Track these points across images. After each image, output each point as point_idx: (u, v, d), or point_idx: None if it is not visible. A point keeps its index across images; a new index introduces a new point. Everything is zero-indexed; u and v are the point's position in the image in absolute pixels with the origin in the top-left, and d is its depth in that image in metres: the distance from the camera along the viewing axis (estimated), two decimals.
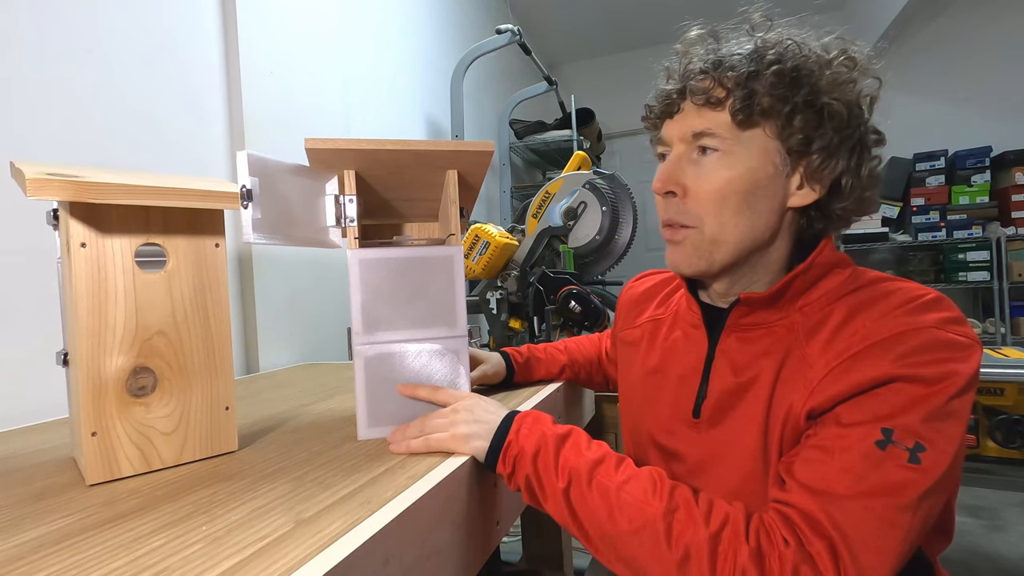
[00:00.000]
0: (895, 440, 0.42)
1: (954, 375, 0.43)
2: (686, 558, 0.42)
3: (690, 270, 0.57)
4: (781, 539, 0.41)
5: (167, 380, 0.52)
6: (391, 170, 0.60)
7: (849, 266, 0.55)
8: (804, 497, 0.43)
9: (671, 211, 0.56)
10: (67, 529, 0.39)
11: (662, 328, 0.68)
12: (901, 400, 0.43)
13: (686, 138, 0.55)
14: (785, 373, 0.51)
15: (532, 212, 1.69)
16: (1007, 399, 1.32)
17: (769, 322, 0.55)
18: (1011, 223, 3.14)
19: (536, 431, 0.51)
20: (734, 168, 0.52)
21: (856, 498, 0.42)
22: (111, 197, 0.46)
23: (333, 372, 1.17)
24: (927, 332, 0.45)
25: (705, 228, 0.54)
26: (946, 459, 0.42)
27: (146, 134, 1.06)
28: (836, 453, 0.44)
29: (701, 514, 0.43)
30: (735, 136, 0.52)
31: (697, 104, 0.54)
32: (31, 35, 0.87)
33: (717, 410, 0.56)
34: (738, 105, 0.51)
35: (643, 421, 0.66)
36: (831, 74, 0.51)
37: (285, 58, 1.40)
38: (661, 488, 0.46)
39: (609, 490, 0.46)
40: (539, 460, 0.49)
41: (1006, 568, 1.64)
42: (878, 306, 0.49)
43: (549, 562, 1.20)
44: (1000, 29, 3.45)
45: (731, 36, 0.56)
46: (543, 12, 3.68)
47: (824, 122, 0.51)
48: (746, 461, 0.52)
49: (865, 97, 0.53)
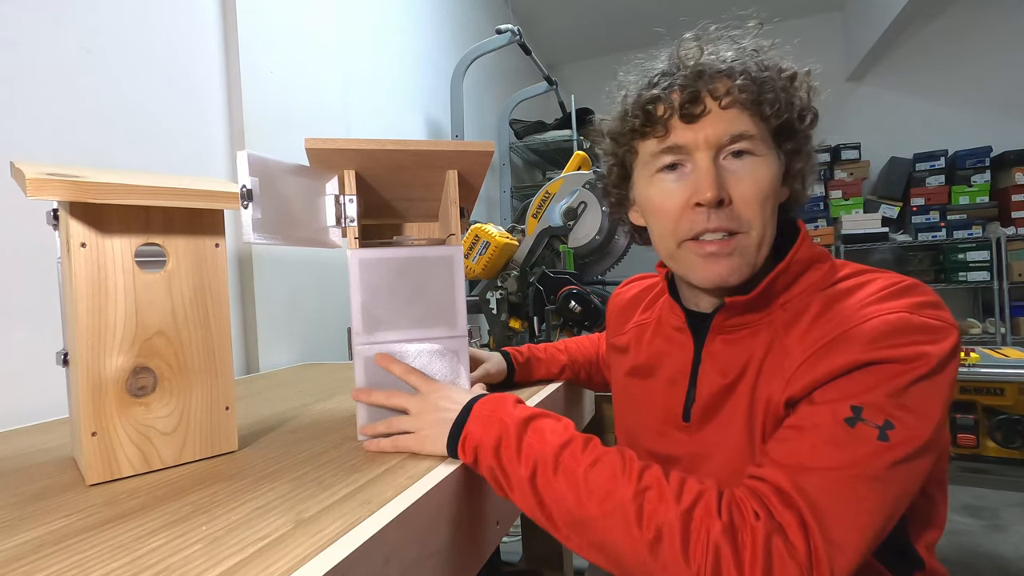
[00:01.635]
0: (864, 418, 0.43)
1: (925, 356, 0.44)
2: (658, 537, 0.41)
3: (739, 279, 0.54)
4: (752, 512, 0.41)
5: (167, 380, 0.52)
6: (391, 170, 0.60)
7: (828, 260, 0.56)
8: (774, 471, 0.44)
9: (721, 219, 0.53)
10: (67, 529, 0.39)
11: (647, 332, 0.68)
12: (871, 380, 0.44)
13: (721, 142, 0.52)
14: (766, 366, 0.52)
15: (532, 212, 1.69)
16: (1007, 399, 1.31)
17: (753, 322, 0.55)
18: (1011, 223, 3.14)
19: (496, 419, 0.50)
20: (769, 170, 0.53)
21: (824, 471, 0.42)
22: (111, 197, 0.46)
23: (333, 372, 1.17)
24: (898, 316, 0.46)
25: (753, 232, 0.53)
26: (917, 436, 0.43)
27: (146, 134, 1.06)
28: (807, 430, 0.45)
29: (672, 492, 0.43)
30: (765, 139, 0.54)
31: (725, 107, 0.52)
32: (31, 35, 0.87)
33: (706, 412, 0.56)
34: (769, 110, 0.52)
35: (634, 425, 0.66)
36: (808, 82, 0.56)
37: (285, 58, 1.40)
38: (630, 469, 0.45)
39: (576, 474, 0.45)
40: (501, 450, 0.48)
41: (1006, 568, 1.64)
42: (854, 296, 0.50)
43: (549, 562, 1.20)
44: (1000, 29, 3.45)
45: (721, 40, 0.56)
46: (543, 12, 3.68)
47: (805, 126, 0.55)
48: (734, 457, 0.53)
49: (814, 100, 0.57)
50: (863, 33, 3.53)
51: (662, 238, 0.58)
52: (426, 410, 0.54)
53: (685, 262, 0.56)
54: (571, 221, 1.64)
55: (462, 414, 0.52)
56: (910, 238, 3.37)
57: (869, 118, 3.74)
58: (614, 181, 0.65)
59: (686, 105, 0.53)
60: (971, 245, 3.24)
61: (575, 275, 1.39)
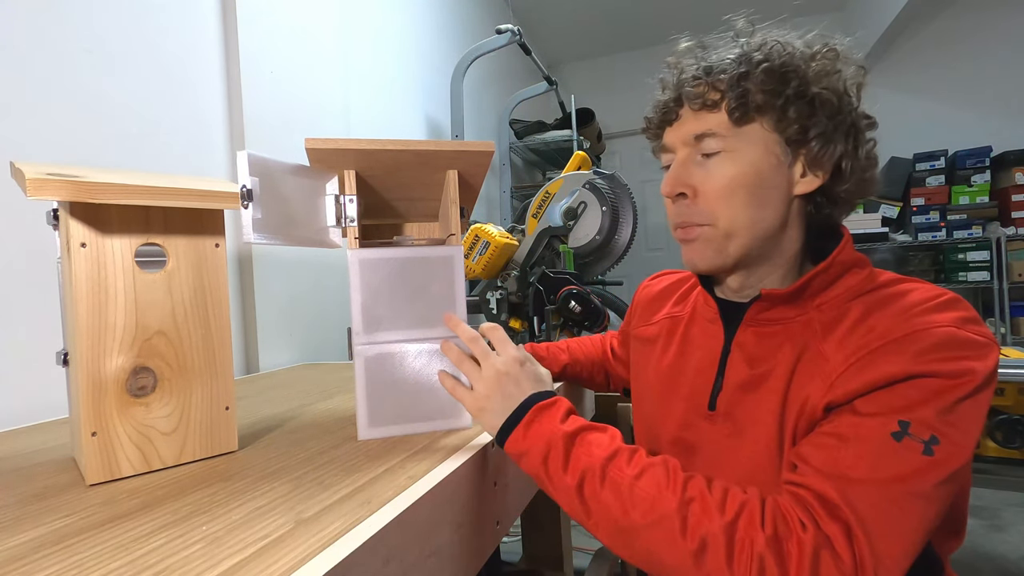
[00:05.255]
0: (911, 432, 0.43)
1: (971, 372, 0.44)
2: (703, 548, 0.42)
3: (705, 265, 0.58)
4: (798, 523, 0.42)
5: (167, 380, 0.52)
6: (391, 170, 0.60)
7: (867, 266, 0.56)
8: (819, 480, 0.44)
9: (684, 213, 0.58)
10: (67, 529, 0.39)
11: (680, 325, 0.69)
12: (918, 394, 0.44)
13: (688, 141, 0.57)
14: (801, 367, 0.52)
15: (532, 212, 1.69)
16: (1007, 399, 1.31)
17: (787, 318, 0.56)
18: (1011, 223, 3.14)
19: (545, 431, 0.51)
20: (738, 164, 0.54)
21: (871, 483, 0.42)
22: (111, 197, 0.46)
23: (333, 372, 1.17)
24: (945, 330, 0.45)
25: (719, 223, 0.55)
26: (960, 454, 0.43)
27: (146, 134, 1.06)
28: (851, 441, 0.44)
29: (716, 503, 0.43)
30: (734, 134, 0.54)
31: (694, 109, 0.56)
32: (31, 35, 0.87)
33: (732, 402, 0.57)
34: (733, 104, 0.53)
35: (659, 416, 0.66)
36: (816, 65, 0.54)
37: (285, 58, 1.40)
38: (675, 480, 0.46)
39: (622, 485, 0.46)
40: (549, 461, 0.49)
41: (1006, 568, 1.64)
42: (895, 304, 0.50)
43: (549, 562, 1.19)
44: (1000, 29, 3.45)
45: (718, 44, 0.59)
46: (543, 12, 3.68)
47: (817, 111, 0.53)
48: (760, 452, 0.53)
49: (852, 85, 0.55)
50: (863, 33, 3.53)
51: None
52: (494, 383, 0.55)
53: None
54: (571, 221, 1.64)
55: (519, 410, 0.53)
56: (910, 238, 3.37)
57: None
58: None
59: (666, 111, 0.59)
60: (971, 245, 3.23)
61: (575, 275, 1.39)
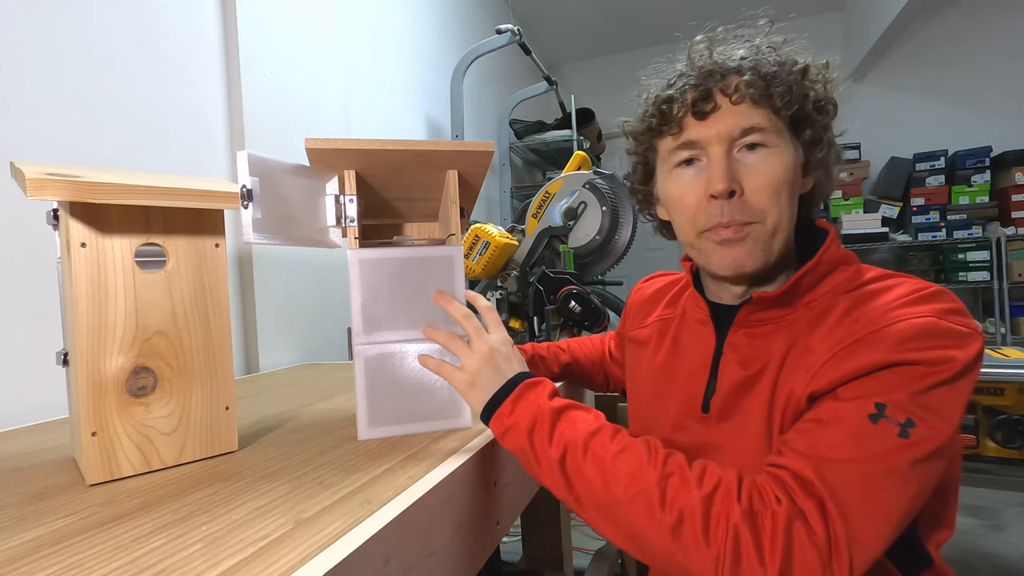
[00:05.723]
0: (887, 415, 0.44)
1: (950, 360, 0.44)
2: (680, 521, 0.43)
3: (754, 264, 0.56)
4: (773, 497, 0.43)
5: (167, 380, 0.52)
6: (391, 170, 0.60)
7: (854, 263, 0.57)
8: (796, 460, 0.45)
9: (733, 210, 0.55)
10: (67, 529, 0.39)
11: (671, 327, 0.69)
12: (897, 380, 0.45)
13: (732, 135, 0.55)
14: (788, 362, 0.53)
15: (532, 212, 1.69)
16: (1007, 399, 1.31)
17: (777, 318, 0.56)
18: (1011, 223, 3.14)
19: (532, 405, 0.52)
20: (782, 160, 0.55)
21: (847, 462, 0.43)
22: (111, 197, 0.46)
23: (333, 372, 1.17)
24: (926, 320, 0.46)
25: (767, 220, 0.55)
26: (936, 437, 0.44)
27: (146, 134, 1.06)
28: (831, 423, 0.46)
29: (694, 478, 0.45)
30: (778, 131, 0.55)
31: (736, 103, 0.54)
32: (31, 35, 0.87)
33: (726, 404, 0.57)
34: (780, 102, 0.54)
35: (653, 418, 0.66)
36: (827, 74, 0.57)
37: (285, 58, 1.40)
38: (655, 456, 0.47)
39: (604, 460, 0.47)
40: (534, 434, 0.50)
41: (1006, 568, 1.64)
42: (881, 298, 0.50)
43: (549, 562, 1.19)
44: (1000, 29, 3.45)
45: (731, 40, 0.58)
46: (543, 12, 3.68)
47: (823, 116, 0.56)
48: (751, 448, 0.54)
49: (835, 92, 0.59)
50: (863, 33, 3.53)
51: (683, 230, 0.61)
52: (484, 359, 0.56)
53: (704, 251, 0.58)
54: (571, 221, 1.64)
55: (507, 386, 0.54)
56: (910, 238, 3.37)
57: (869, 118, 3.74)
58: (639, 179, 0.68)
59: (698, 103, 0.55)
60: (971, 245, 3.23)
61: (575, 275, 1.39)
